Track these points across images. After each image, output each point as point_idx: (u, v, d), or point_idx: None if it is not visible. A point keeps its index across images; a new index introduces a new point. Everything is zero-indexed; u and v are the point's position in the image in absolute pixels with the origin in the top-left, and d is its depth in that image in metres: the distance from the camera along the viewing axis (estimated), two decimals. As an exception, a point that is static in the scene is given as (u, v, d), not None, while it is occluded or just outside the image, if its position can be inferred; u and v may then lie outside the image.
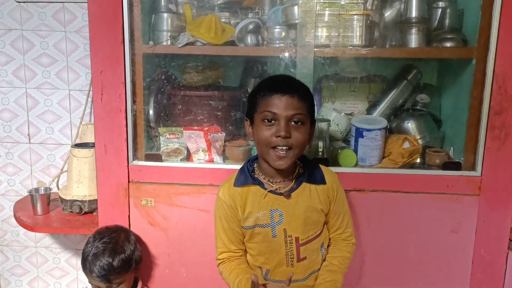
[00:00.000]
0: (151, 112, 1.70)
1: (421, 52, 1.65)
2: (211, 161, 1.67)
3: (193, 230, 1.62)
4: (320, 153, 1.65)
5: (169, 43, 1.64)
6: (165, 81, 1.76)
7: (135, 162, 1.62)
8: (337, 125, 1.72)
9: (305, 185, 1.31)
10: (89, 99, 2.02)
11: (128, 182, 1.61)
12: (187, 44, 1.58)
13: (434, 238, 1.57)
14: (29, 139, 2.18)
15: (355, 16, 1.55)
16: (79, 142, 1.95)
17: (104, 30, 1.52)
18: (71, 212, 1.83)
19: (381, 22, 1.63)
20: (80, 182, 1.82)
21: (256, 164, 1.35)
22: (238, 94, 1.76)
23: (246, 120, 1.32)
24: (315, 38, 1.55)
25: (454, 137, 1.69)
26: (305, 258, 1.31)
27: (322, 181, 1.32)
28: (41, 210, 1.87)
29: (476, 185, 1.53)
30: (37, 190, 1.92)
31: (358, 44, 1.56)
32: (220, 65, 1.78)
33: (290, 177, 1.31)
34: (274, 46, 1.59)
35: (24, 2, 2.04)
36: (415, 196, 1.55)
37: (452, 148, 1.66)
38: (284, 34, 1.59)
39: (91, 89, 1.59)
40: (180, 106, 1.72)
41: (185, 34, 1.59)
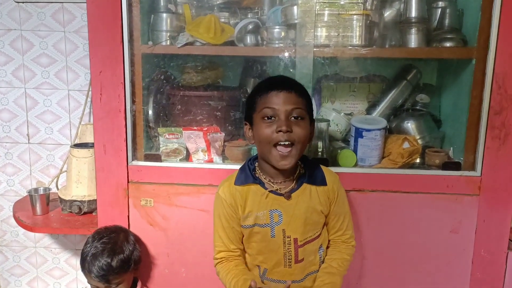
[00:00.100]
0: (151, 112, 1.70)
1: (421, 52, 1.64)
2: (211, 161, 1.67)
3: (193, 230, 1.62)
4: (320, 153, 1.65)
5: (168, 43, 1.64)
6: (164, 81, 1.76)
7: (135, 162, 1.62)
8: (337, 125, 1.72)
9: (306, 186, 1.30)
10: (88, 99, 2.02)
11: (128, 182, 1.61)
12: (186, 44, 1.58)
13: (434, 238, 1.57)
14: (29, 139, 2.18)
15: (355, 16, 1.55)
16: (79, 142, 1.95)
17: (103, 30, 1.52)
18: (71, 212, 1.83)
19: (381, 22, 1.63)
20: (80, 182, 1.81)
21: (257, 163, 1.34)
22: (238, 94, 1.76)
23: (246, 124, 1.32)
24: (315, 38, 1.55)
25: (454, 137, 1.69)
26: (303, 260, 1.31)
27: (323, 182, 1.32)
28: (41, 210, 1.86)
29: (476, 185, 1.53)
30: (37, 190, 1.92)
31: (358, 44, 1.56)
32: (220, 65, 1.78)
33: (291, 178, 1.30)
34: (274, 46, 1.59)
35: (23, 2, 2.03)
36: (415, 196, 1.55)
37: (452, 148, 1.66)
38: (284, 34, 1.58)
39: (90, 89, 1.58)
40: (180, 106, 1.72)
41: (184, 34, 1.59)
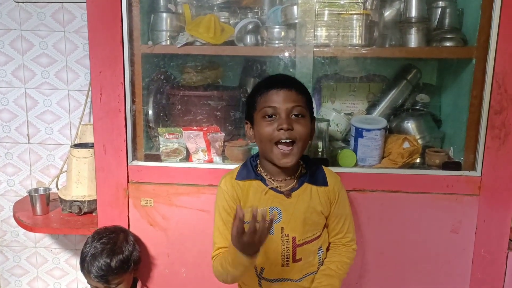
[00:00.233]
0: (150, 112, 1.70)
1: (421, 52, 1.64)
2: (211, 161, 1.67)
3: (193, 230, 1.62)
4: (320, 153, 1.64)
5: (168, 43, 1.64)
6: (164, 81, 1.76)
7: (135, 162, 1.62)
8: (337, 125, 1.72)
9: (307, 186, 1.30)
10: (88, 99, 2.02)
11: (128, 182, 1.60)
12: (186, 44, 1.58)
13: (434, 238, 1.57)
14: (29, 139, 2.18)
15: (355, 16, 1.55)
16: (79, 142, 1.95)
17: (103, 30, 1.52)
18: (71, 213, 1.83)
19: (381, 22, 1.63)
20: (80, 183, 1.81)
21: (259, 161, 1.33)
22: (238, 94, 1.76)
23: (246, 123, 1.32)
24: (315, 38, 1.55)
25: (454, 137, 1.69)
26: (301, 260, 1.30)
27: (324, 183, 1.32)
28: (41, 211, 1.86)
29: (476, 185, 1.53)
30: (37, 191, 1.92)
31: (358, 44, 1.56)
32: (219, 65, 1.78)
33: (292, 177, 1.30)
34: (274, 46, 1.59)
35: (23, 2, 2.03)
36: (415, 196, 1.55)
37: (452, 148, 1.66)
38: (284, 34, 1.58)
39: (90, 89, 1.58)
40: (179, 106, 1.72)
41: (184, 34, 1.59)
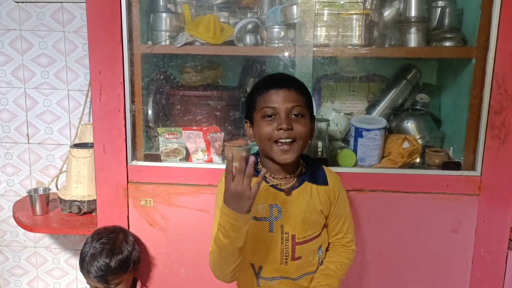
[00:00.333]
0: (150, 112, 1.70)
1: (421, 52, 1.64)
2: (210, 161, 1.67)
3: (193, 230, 1.62)
4: (320, 153, 1.64)
5: (168, 43, 1.64)
6: (164, 81, 1.76)
7: (134, 162, 1.62)
8: (337, 125, 1.72)
9: (307, 184, 1.30)
10: (88, 99, 2.02)
11: (127, 183, 1.60)
12: (186, 44, 1.58)
13: (434, 238, 1.57)
14: (28, 139, 2.18)
15: (354, 16, 1.55)
16: (78, 142, 1.95)
17: (103, 30, 1.51)
18: (70, 213, 1.83)
19: (381, 22, 1.63)
20: (79, 183, 1.81)
21: (260, 158, 1.33)
22: (237, 94, 1.76)
23: (246, 122, 1.32)
24: (314, 38, 1.55)
25: (454, 137, 1.69)
26: (300, 258, 1.30)
27: (324, 182, 1.32)
28: (40, 211, 1.86)
29: (476, 185, 1.53)
30: (36, 191, 1.92)
31: (358, 44, 1.56)
32: (219, 65, 1.78)
33: (293, 175, 1.30)
34: (273, 46, 1.59)
35: (23, 2, 2.03)
36: (415, 196, 1.55)
37: (452, 148, 1.66)
38: (283, 34, 1.58)
39: (90, 89, 1.58)
40: (179, 106, 1.72)
41: (184, 34, 1.59)
